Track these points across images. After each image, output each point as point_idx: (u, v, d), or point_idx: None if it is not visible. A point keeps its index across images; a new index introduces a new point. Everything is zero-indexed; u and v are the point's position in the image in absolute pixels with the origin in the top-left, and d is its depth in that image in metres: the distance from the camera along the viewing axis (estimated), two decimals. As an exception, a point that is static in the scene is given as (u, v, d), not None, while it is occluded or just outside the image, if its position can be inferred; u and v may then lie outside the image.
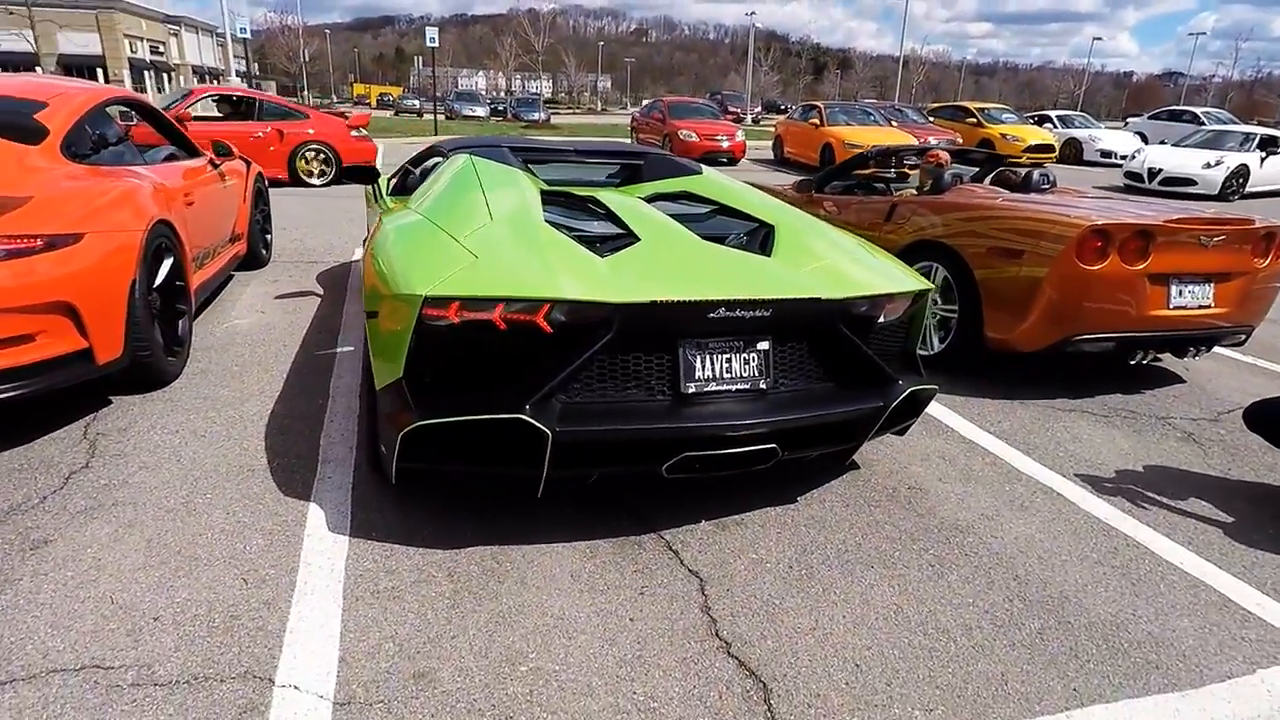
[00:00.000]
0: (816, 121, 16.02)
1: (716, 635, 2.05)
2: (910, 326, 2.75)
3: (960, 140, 16.02)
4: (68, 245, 2.83)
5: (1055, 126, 20.34)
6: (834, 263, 2.58)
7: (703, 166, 3.69)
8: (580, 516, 2.55)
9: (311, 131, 10.99)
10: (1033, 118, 21.53)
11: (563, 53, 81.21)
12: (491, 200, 2.67)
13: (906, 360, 2.76)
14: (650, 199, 3.25)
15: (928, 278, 4.20)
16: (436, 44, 20.99)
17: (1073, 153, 19.24)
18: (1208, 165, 13.35)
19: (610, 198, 3.10)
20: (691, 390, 2.25)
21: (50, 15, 38.08)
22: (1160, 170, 13.70)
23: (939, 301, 4.17)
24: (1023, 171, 5.00)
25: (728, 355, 2.29)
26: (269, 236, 6.26)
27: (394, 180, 4.44)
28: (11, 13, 31.49)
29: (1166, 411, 3.82)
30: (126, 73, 38.48)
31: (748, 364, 2.31)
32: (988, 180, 5.35)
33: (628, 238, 2.62)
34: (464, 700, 1.78)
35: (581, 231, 2.68)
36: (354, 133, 11.33)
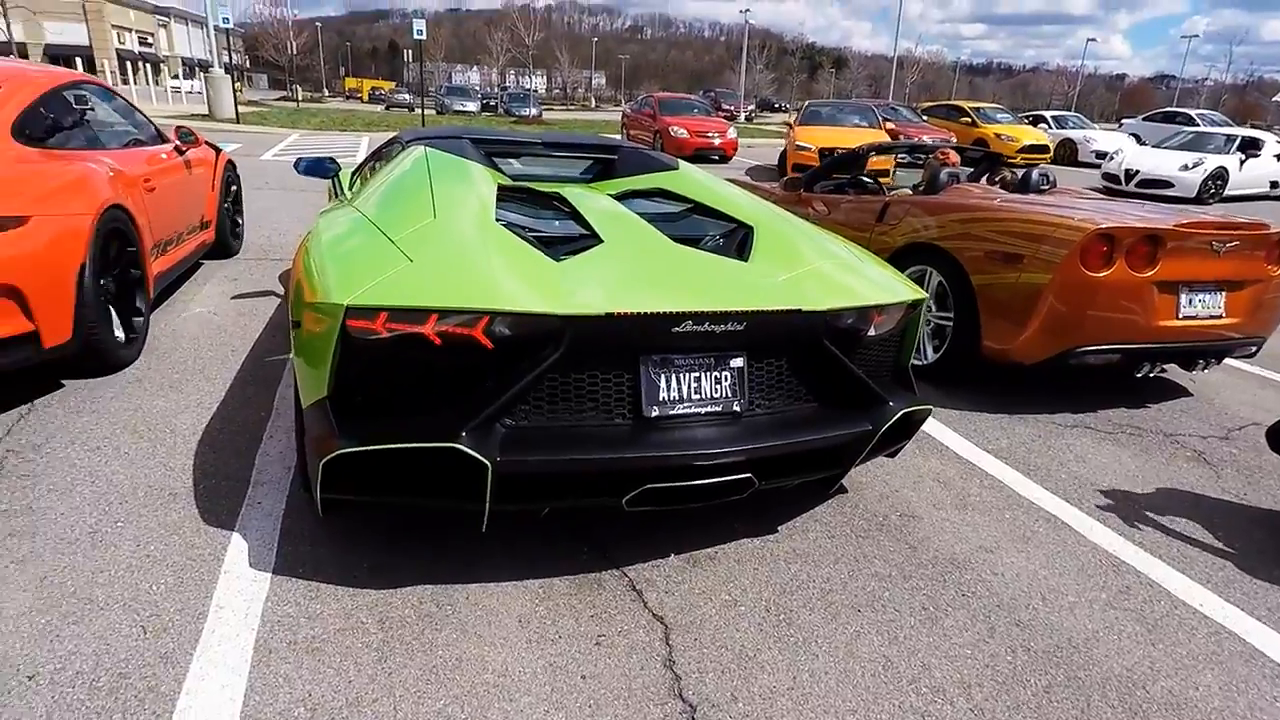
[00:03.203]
0: (790, 122, 15.67)
1: (680, 696, 1.79)
2: (903, 340, 2.49)
3: (954, 139, 15.80)
4: (13, 228, 2.81)
5: (1050, 127, 20.17)
6: (818, 269, 2.33)
7: (680, 162, 3.42)
8: (535, 550, 2.29)
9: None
10: (1027, 118, 21.35)
11: (556, 49, 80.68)
12: (438, 196, 2.40)
13: (899, 377, 2.51)
14: (621, 196, 2.99)
15: (921, 283, 3.96)
16: (424, 36, 20.62)
17: (1067, 153, 19.06)
18: (1185, 167, 13.12)
19: (576, 194, 2.84)
20: (655, 414, 1.99)
21: (36, 4, 37.38)
22: (1137, 172, 13.45)
23: (934, 309, 3.92)
24: (1021, 171, 4.77)
25: (697, 374, 2.03)
26: (240, 226, 6.16)
27: (355, 174, 4.16)
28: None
29: (1174, 428, 3.58)
30: (114, 64, 37.90)
31: (719, 383, 2.05)
32: (984, 180, 5.11)
33: (590, 239, 2.35)
34: (379, 782, 1.52)
35: (539, 231, 2.42)
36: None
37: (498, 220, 2.34)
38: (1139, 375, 3.64)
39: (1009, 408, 3.68)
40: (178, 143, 4.77)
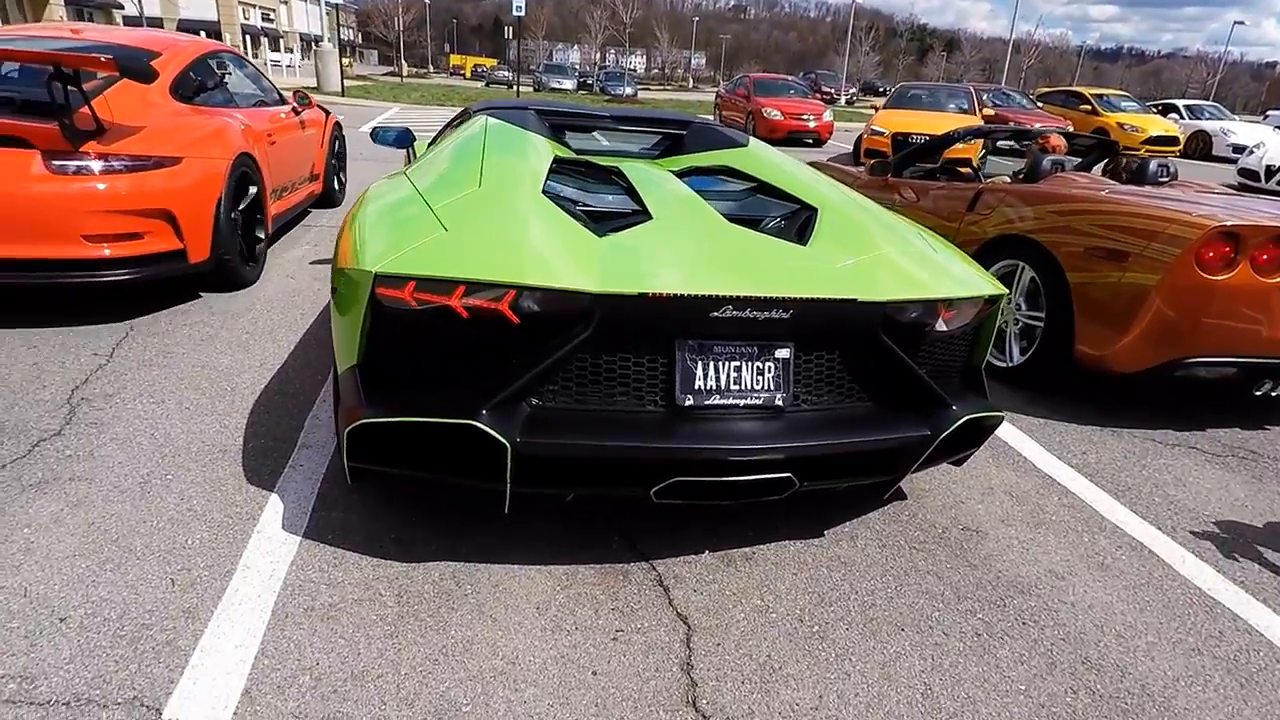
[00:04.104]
0: (876, 105, 14.89)
1: (693, 704, 1.68)
2: (977, 339, 2.27)
3: (1071, 127, 14.74)
4: (171, 166, 3.52)
5: (1182, 117, 18.56)
6: (883, 256, 2.13)
7: (750, 139, 3.25)
8: (563, 534, 2.22)
9: None
10: (1157, 107, 19.71)
11: (656, 28, 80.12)
12: (488, 166, 2.34)
13: (969, 379, 2.29)
14: (684, 173, 2.85)
15: (1011, 278, 3.66)
16: (523, 13, 20.82)
17: (1201, 146, 17.51)
18: None
19: (635, 169, 2.72)
20: (689, 403, 1.87)
21: (172, -19, 39.94)
22: None
23: (1023, 306, 3.62)
24: (1137, 161, 4.34)
25: (737, 363, 1.89)
26: (343, 180, 6.99)
27: (430, 145, 4.17)
28: None
29: (1296, 455, 3.18)
30: (236, 38, 40.19)
31: (762, 375, 1.91)
32: (1096, 170, 4.68)
33: (640, 215, 2.24)
34: (371, 762, 1.49)
35: (588, 206, 2.32)
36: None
37: (545, 193, 2.25)
38: (1258, 393, 3.24)
39: (1100, 419, 3.35)
40: (295, 105, 5.52)
